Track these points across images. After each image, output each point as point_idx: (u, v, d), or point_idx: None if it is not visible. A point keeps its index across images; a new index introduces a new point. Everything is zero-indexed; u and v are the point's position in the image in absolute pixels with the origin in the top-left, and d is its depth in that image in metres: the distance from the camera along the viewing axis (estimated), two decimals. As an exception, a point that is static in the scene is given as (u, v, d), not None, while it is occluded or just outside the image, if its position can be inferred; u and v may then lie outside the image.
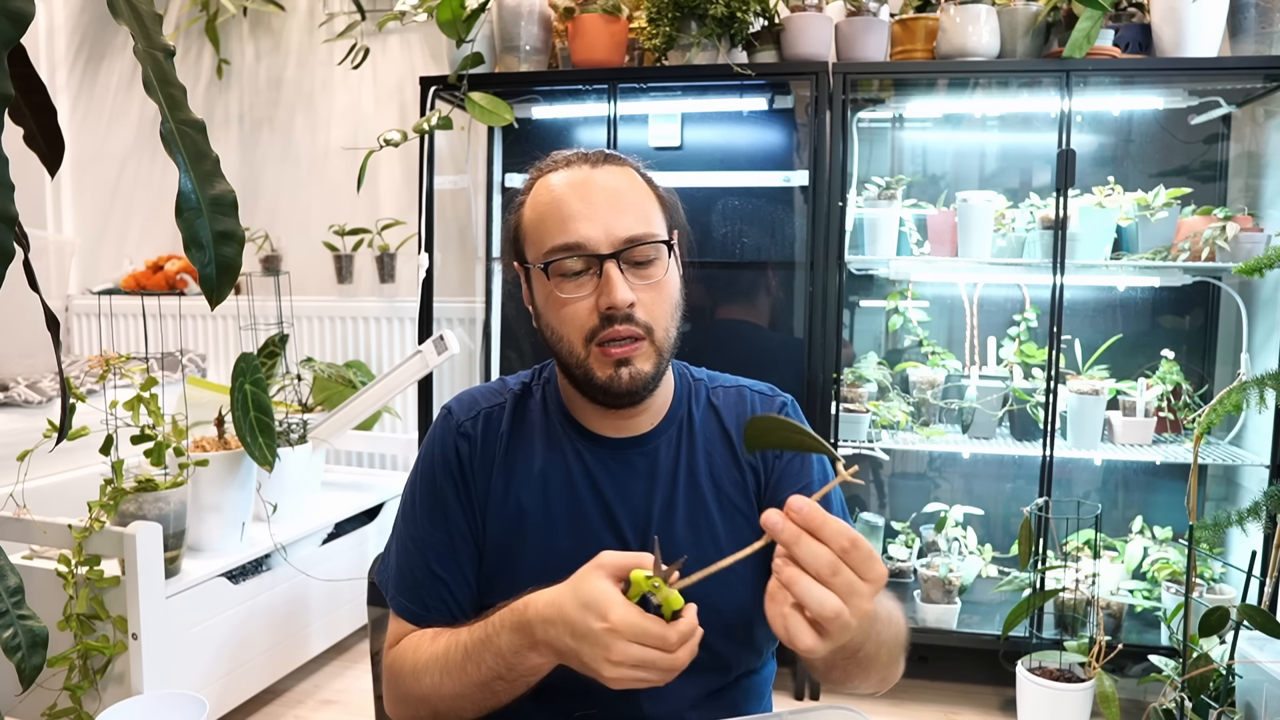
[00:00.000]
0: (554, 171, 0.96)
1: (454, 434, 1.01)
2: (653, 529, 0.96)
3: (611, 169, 0.95)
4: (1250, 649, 1.78)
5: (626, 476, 0.99)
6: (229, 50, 3.29)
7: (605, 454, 0.99)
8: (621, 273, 0.91)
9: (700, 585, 0.75)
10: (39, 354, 2.91)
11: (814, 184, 2.33)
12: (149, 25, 0.78)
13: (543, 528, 0.98)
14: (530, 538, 0.98)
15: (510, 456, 1.00)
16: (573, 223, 0.91)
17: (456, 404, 1.04)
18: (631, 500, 0.98)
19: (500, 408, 1.03)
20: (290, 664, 2.29)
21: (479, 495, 0.99)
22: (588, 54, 2.45)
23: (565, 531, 0.97)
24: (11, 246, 0.64)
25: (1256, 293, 2.37)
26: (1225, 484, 2.50)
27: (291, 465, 2.31)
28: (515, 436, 1.02)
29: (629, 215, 0.92)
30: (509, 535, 0.98)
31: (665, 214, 0.97)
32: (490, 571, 0.99)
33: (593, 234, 0.91)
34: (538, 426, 1.02)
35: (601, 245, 0.91)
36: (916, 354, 2.63)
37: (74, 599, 1.75)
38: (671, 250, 0.96)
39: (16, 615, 0.90)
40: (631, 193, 0.94)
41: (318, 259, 3.21)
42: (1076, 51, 2.15)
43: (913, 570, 2.51)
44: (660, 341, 0.94)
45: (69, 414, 0.93)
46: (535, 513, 0.98)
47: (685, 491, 0.98)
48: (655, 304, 0.93)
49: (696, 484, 0.99)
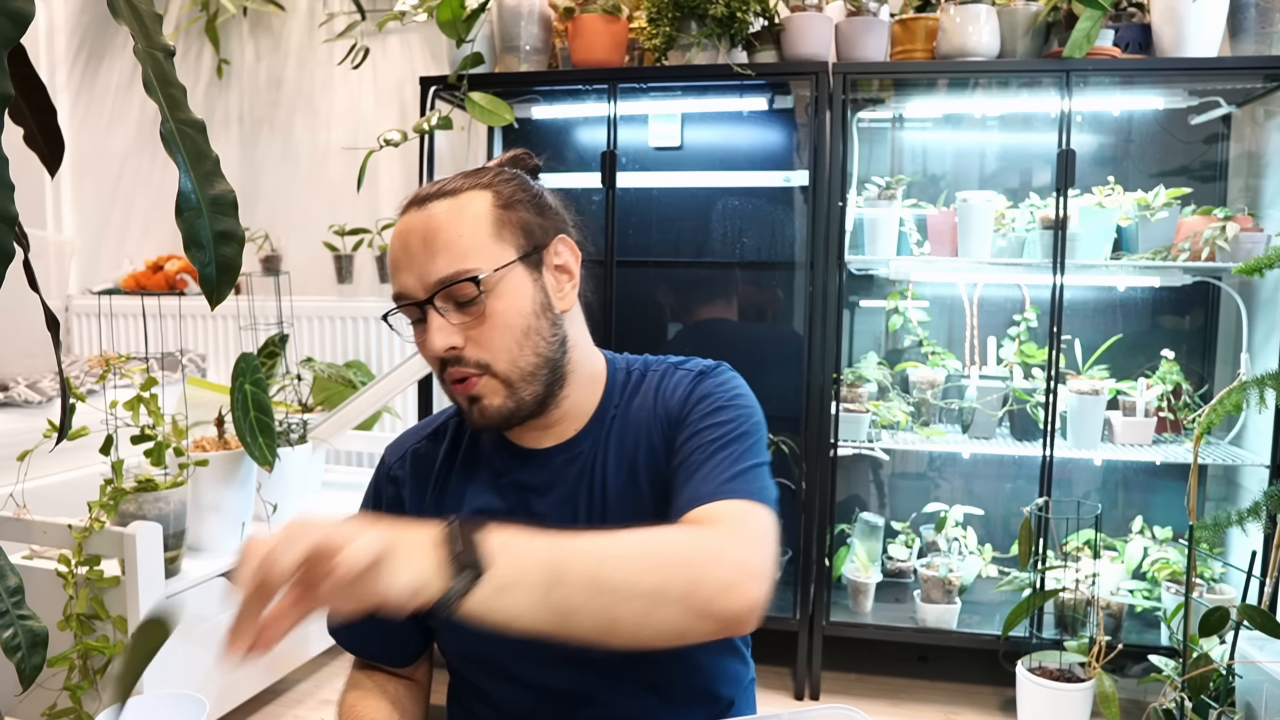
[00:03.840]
0: (401, 215, 0.95)
1: (384, 480, 1.05)
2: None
3: (439, 205, 0.92)
4: (1250, 649, 1.78)
5: (555, 485, 0.98)
6: (229, 50, 3.29)
7: (534, 465, 0.99)
8: (443, 315, 0.90)
9: None
10: (39, 354, 2.91)
11: (814, 184, 2.33)
12: (149, 25, 0.78)
13: None
14: None
15: (446, 485, 1.02)
16: (397, 273, 0.92)
17: (388, 450, 1.07)
18: (561, 507, 0.97)
19: (432, 441, 1.05)
20: (290, 664, 2.30)
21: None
22: (588, 54, 2.45)
23: None
24: (11, 246, 0.64)
25: (1256, 293, 2.37)
26: (1225, 484, 2.50)
27: (291, 465, 2.31)
28: (450, 465, 1.03)
29: (440, 257, 0.89)
30: None
31: (515, 235, 0.93)
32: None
33: (410, 282, 0.91)
34: (471, 451, 1.03)
35: (418, 292, 0.91)
36: (916, 354, 2.63)
37: (74, 599, 1.75)
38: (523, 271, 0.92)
39: (16, 615, 0.90)
40: (450, 229, 0.90)
41: (318, 259, 3.21)
42: (1076, 51, 2.15)
43: (913, 570, 2.51)
44: (505, 373, 0.91)
45: (69, 414, 0.93)
46: None
47: (617, 487, 0.96)
48: (486, 339, 0.91)
49: (632, 476, 0.96)
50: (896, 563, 2.54)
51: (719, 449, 0.91)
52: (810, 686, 2.33)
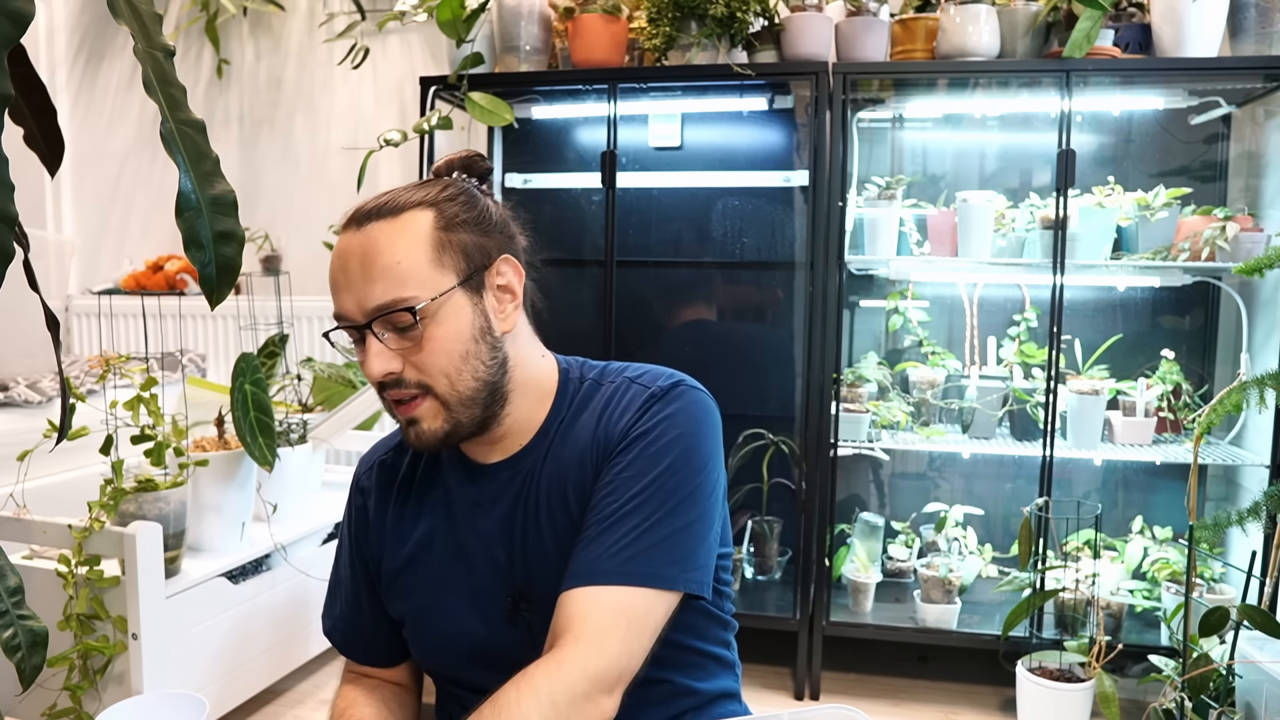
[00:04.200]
0: (341, 231, 0.93)
1: (355, 489, 1.10)
2: (519, 548, 0.97)
3: (378, 226, 0.90)
4: (1250, 649, 1.78)
5: (498, 501, 0.98)
6: (229, 50, 3.29)
7: (483, 481, 1.00)
8: (381, 340, 0.90)
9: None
10: (39, 354, 2.91)
11: (814, 184, 2.33)
12: (149, 25, 0.78)
13: (425, 561, 1.01)
14: (418, 571, 1.02)
15: (407, 498, 1.05)
16: (337, 294, 0.92)
17: (361, 458, 1.11)
18: (501, 525, 0.98)
19: (398, 453, 1.08)
20: (290, 664, 2.29)
21: (375, 542, 1.06)
22: (588, 54, 2.45)
23: (445, 560, 1.00)
24: (11, 246, 0.64)
25: (1256, 293, 2.37)
26: (1225, 484, 2.50)
27: (291, 465, 2.31)
28: (412, 478, 1.06)
29: (378, 283, 0.88)
30: (402, 571, 1.03)
31: (455, 258, 0.92)
32: (395, 608, 1.05)
33: (349, 306, 0.91)
34: (432, 466, 1.05)
35: (357, 316, 0.90)
36: (916, 354, 2.63)
37: (74, 599, 1.75)
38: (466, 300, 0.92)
39: (16, 615, 0.90)
40: (388, 254, 0.89)
41: (318, 259, 3.21)
42: (1076, 51, 2.15)
43: (913, 570, 2.51)
44: (445, 395, 0.91)
45: (69, 414, 0.93)
46: (423, 547, 1.02)
47: (549, 508, 0.96)
48: (425, 363, 0.91)
49: (563, 496, 0.95)
50: (896, 563, 2.54)
51: (629, 513, 0.89)
52: (810, 686, 2.33)
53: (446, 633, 1.00)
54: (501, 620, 0.97)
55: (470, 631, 0.98)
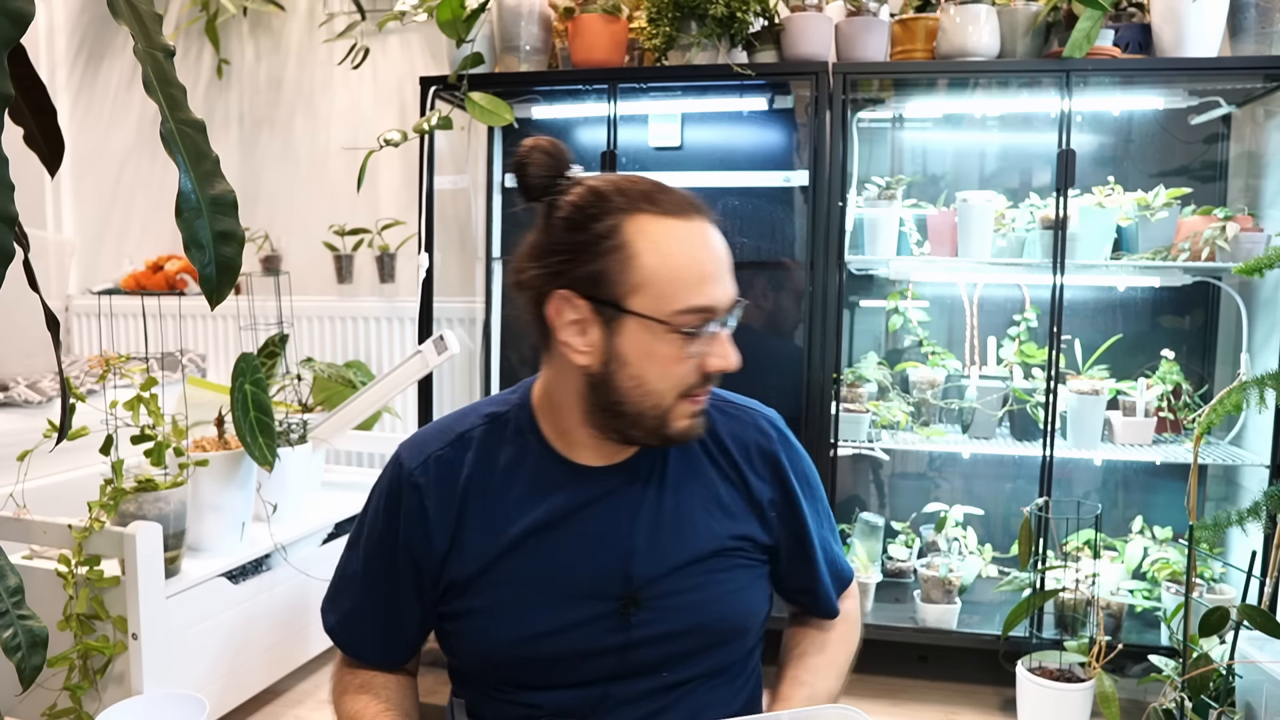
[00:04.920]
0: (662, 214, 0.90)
1: (405, 486, 0.99)
2: (636, 548, 0.97)
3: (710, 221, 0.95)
4: (1250, 649, 1.78)
5: (606, 503, 0.98)
6: (229, 50, 3.29)
7: (586, 483, 0.98)
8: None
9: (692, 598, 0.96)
10: (39, 354, 2.91)
11: (814, 184, 2.33)
12: (149, 25, 0.78)
13: (520, 558, 0.97)
14: (511, 568, 0.97)
15: (482, 497, 0.98)
16: (709, 285, 0.89)
17: (406, 450, 1.02)
18: (611, 523, 0.97)
19: (456, 448, 1.00)
20: (290, 664, 2.30)
21: (437, 538, 0.98)
22: (588, 54, 2.45)
23: (540, 563, 0.97)
24: (11, 246, 0.64)
25: (1256, 293, 2.37)
26: (1225, 484, 2.50)
27: (291, 465, 2.31)
28: (487, 473, 0.99)
29: (730, 275, 0.93)
30: (490, 568, 0.97)
31: None
32: (461, 605, 0.99)
33: (721, 299, 0.90)
34: (517, 460, 1.00)
35: (725, 305, 0.91)
36: (916, 354, 2.63)
37: (74, 599, 1.75)
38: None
39: (16, 615, 0.90)
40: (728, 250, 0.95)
41: (318, 259, 3.21)
42: (1076, 51, 2.15)
43: (913, 570, 2.51)
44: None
45: (69, 414, 0.93)
46: (514, 547, 0.97)
47: (671, 507, 0.98)
48: None
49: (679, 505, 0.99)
50: (896, 563, 2.54)
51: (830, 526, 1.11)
52: (810, 686, 2.33)
53: (532, 631, 0.95)
54: (604, 621, 0.95)
55: (561, 630, 0.95)
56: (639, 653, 0.96)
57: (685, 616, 0.96)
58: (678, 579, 0.97)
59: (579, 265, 0.90)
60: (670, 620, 0.96)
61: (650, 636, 0.95)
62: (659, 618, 0.95)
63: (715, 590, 0.98)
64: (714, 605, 0.98)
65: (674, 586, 0.96)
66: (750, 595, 1.02)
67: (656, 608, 0.95)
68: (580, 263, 0.90)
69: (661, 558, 0.97)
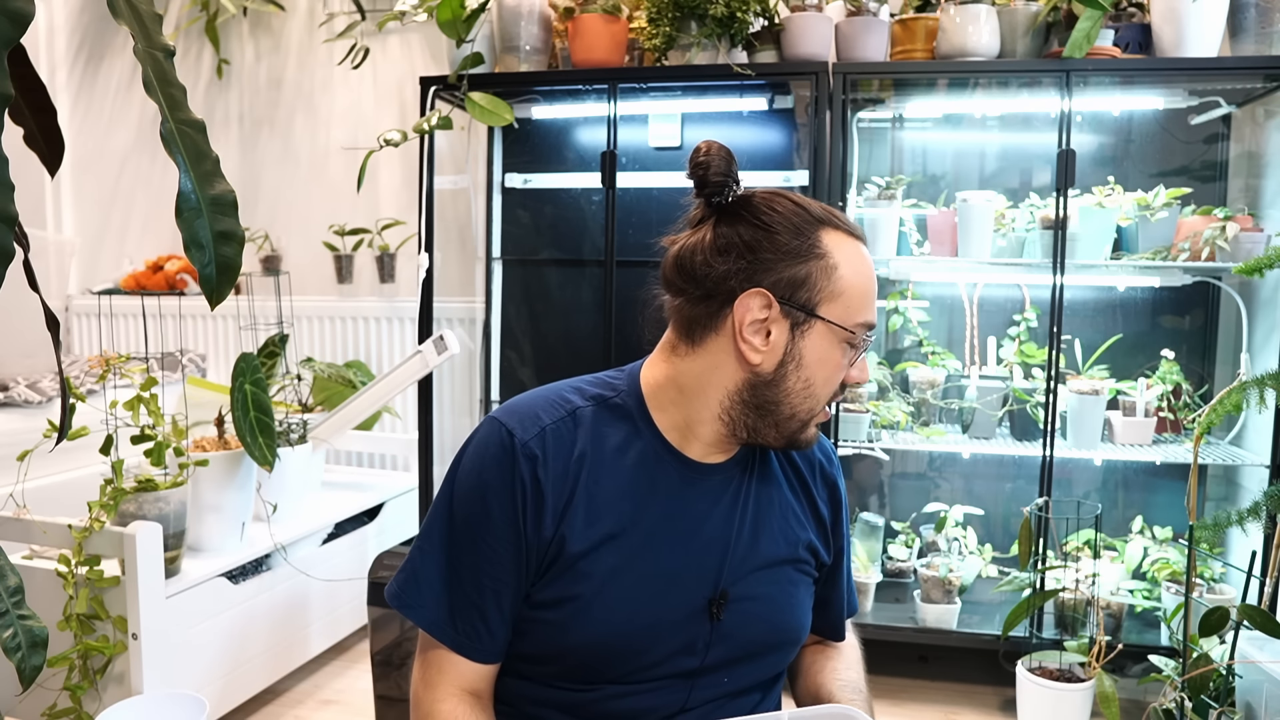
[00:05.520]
0: (849, 234, 0.97)
1: (519, 454, 0.94)
2: (731, 548, 0.99)
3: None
4: (1250, 649, 1.79)
5: (710, 499, 1.00)
6: (229, 50, 3.29)
7: (694, 477, 0.99)
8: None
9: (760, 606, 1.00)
10: (39, 354, 2.91)
11: (814, 184, 2.33)
12: (149, 25, 0.78)
13: (625, 545, 0.95)
14: (611, 554, 0.95)
15: (594, 474, 0.96)
16: (873, 304, 0.97)
17: (515, 421, 0.96)
18: (713, 520, 0.99)
19: (567, 423, 0.97)
20: (290, 664, 2.29)
21: (552, 514, 0.94)
22: (588, 54, 2.46)
23: (645, 549, 0.96)
24: (11, 246, 0.64)
25: (1256, 293, 2.37)
26: (1225, 484, 2.50)
27: (291, 465, 2.31)
28: (598, 454, 0.96)
29: None
30: (594, 552, 0.95)
31: None
32: (557, 589, 0.95)
33: (873, 315, 0.98)
34: (625, 446, 0.98)
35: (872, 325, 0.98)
36: (916, 354, 2.63)
37: (74, 599, 1.75)
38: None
39: (16, 615, 0.90)
40: None
41: (318, 259, 3.21)
42: (1076, 51, 2.15)
43: (913, 570, 2.51)
44: None
45: (69, 414, 0.93)
46: (621, 531, 0.95)
47: (755, 509, 1.02)
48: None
49: (765, 508, 1.03)
50: (896, 563, 2.54)
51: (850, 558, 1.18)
52: (810, 686, 2.33)
53: (627, 624, 0.94)
54: (694, 615, 0.97)
55: (656, 622, 0.95)
56: (715, 653, 0.98)
57: (760, 621, 1.00)
58: (756, 582, 1.00)
59: (784, 269, 0.93)
60: (749, 624, 0.99)
61: (730, 637, 0.98)
62: (741, 620, 0.98)
63: (784, 598, 1.02)
64: (783, 613, 1.02)
65: (753, 590, 0.99)
66: (807, 607, 1.07)
67: (738, 610, 0.98)
68: (785, 267, 0.93)
69: (747, 560, 1.00)
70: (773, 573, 1.01)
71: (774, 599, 1.01)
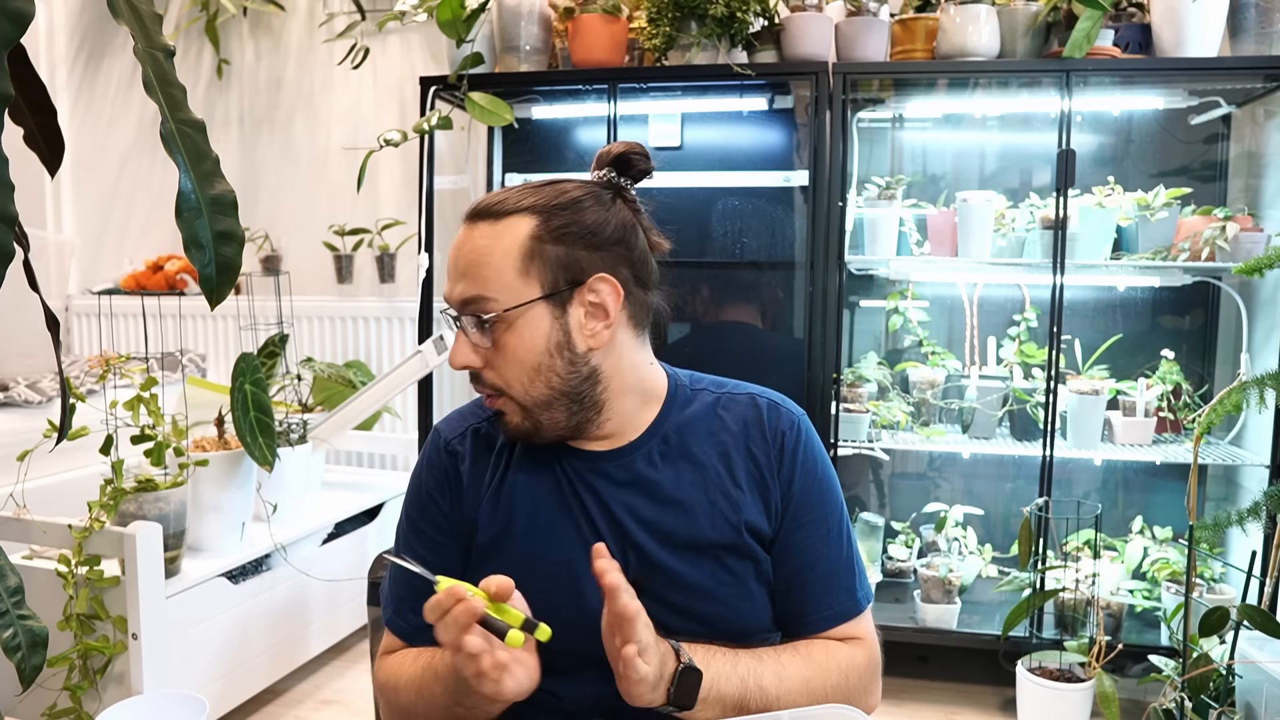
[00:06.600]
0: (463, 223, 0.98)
1: (442, 452, 1.04)
2: (623, 535, 0.97)
3: (483, 226, 0.94)
4: (1250, 649, 1.78)
5: (604, 487, 0.99)
6: (229, 50, 3.29)
7: (585, 467, 1.00)
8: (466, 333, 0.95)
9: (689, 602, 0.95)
10: (39, 354, 2.91)
11: (814, 184, 2.33)
12: (149, 25, 0.78)
13: (526, 536, 0.99)
14: (516, 546, 0.99)
15: (508, 473, 1.02)
16: (447, 282, 0.97)
17: (444, 424, 1.07)
18: (606, 509, 0.98)
19: (492, 423, 1.04)
20: (290, 664, 2.29)
21: (469, 507, 1.01)
22: (588, 54, 2.45)
23: (547, 540, 0.99)
24: (11, 246, 0.64)
25: (1256, 293, 2.37)
26: (1225, 484, 2.50)
27: (291, 465, 2.31)
28: (513, 451, 1.03)
29: (468, 279, 0.93)
30: (497, 543, 1.00)
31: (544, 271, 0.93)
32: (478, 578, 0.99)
33: (448, 293, 0.96)
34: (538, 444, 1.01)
35: (452, 304, 0.96)
36: (916, 354, 2.63)
37: (74, 599, 1.75)
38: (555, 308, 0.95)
39: (16, 615, 0.90)
40: (480, 254, 0.93)
41: (318, 259, 3.21)
42: (1076, 51, 2.15)
43: (913, 570, 2.51)
44: (519, 398, 0.95)
45: (69, 414, 0.93)
46: (522, 522, 1.00)
47: (664, 498, 0.99)
48: (499, 366, 0.95)
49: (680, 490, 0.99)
50: (896, 563, 2.54)
51: (838, 548, 1.05)
52: (810, 686, 2.33)
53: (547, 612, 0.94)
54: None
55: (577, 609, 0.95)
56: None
57: (694, 611, 0.97)
58: (681, 567, 0.97)
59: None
60: (681, 613, 0.96)
61: (666, 627, 0.94)
62: (672, 609, 0.95)
63: (721, 587, 0.98)
64: (720, 603, 0.98)
65: (679, 577, 0.97)
66: (755, 595, 1.00)
67: (667, 599, 0.95)
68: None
69: (663, 541, 0.97)
70: (702, 557, 0.97)
71: (707, 588, 0.97)
